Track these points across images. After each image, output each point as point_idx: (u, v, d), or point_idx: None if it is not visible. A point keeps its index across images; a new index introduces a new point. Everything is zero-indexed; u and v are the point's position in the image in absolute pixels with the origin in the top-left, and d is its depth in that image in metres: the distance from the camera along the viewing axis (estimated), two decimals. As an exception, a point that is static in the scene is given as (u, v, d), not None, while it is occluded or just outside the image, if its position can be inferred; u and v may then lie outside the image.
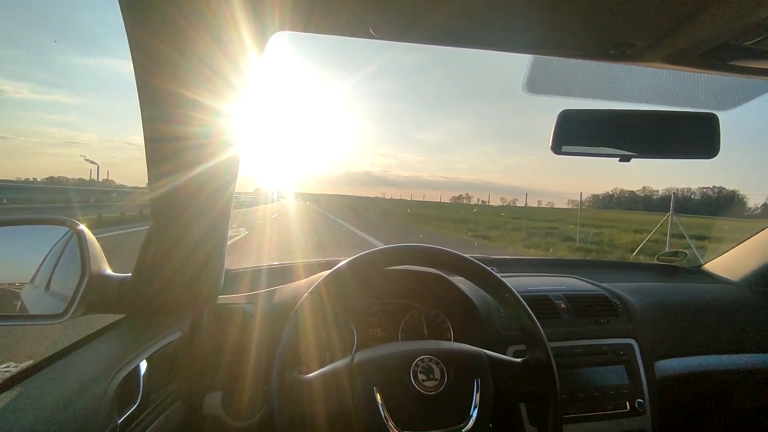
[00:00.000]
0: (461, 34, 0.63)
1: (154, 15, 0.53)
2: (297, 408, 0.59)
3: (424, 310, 1.02)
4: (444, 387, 0.61)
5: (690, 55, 0.66)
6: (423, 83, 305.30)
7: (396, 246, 0.71)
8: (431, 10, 0.57)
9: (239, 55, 0.62)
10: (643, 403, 0.92)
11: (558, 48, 0.69)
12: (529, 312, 0.70)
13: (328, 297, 0.68)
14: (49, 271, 0.71)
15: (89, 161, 25.02)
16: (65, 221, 0.69)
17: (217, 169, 0.70)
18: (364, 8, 0.57)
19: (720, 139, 0.82)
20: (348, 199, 69.67)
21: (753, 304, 1.17)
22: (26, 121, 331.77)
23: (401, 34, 0.64)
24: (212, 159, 0.69)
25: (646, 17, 0.56)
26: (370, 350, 0.67)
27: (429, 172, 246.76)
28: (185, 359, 0.76)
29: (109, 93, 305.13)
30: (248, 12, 0.57)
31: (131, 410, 0.59)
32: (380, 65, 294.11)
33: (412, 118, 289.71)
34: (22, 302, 0.67)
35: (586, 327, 0.98)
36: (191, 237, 0.74)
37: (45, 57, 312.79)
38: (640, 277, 1.40)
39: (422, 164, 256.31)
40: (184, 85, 0.59)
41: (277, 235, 8.84)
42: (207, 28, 0.56)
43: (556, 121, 0.82)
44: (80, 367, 0.57)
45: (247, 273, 1.08)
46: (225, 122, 0.67)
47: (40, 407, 0.48)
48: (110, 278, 0.71)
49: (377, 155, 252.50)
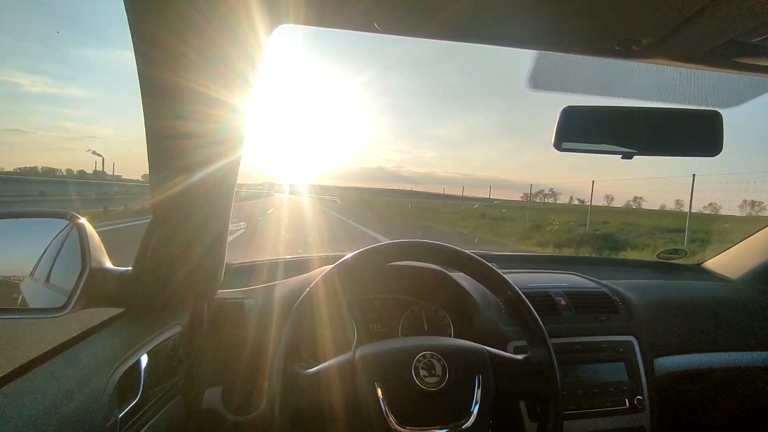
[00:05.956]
0: (466, 28, 0.63)
1: (156, 4, 0.52)
2: (297, 403, 0.59)
3: (424, 305, 1.02)
4: (445, 383, 0.61)
5: (696, 52, 0.65)
6: (437, 78, 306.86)
7: (398, 241, 0.71)
8: (436, 5, 0.56)
9: (239, 46, 0.62)
10: (643, 400, 0.92)
11: (563, 44, 0.68)
12: (531, 308, 0.70)
13: (329, 292, 0.68)
14: (48, 265, 0.70)
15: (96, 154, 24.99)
16: (65, 214, 0.68)
17: (219, 163, 0.70)
18: (368, 2, 0.56)
19: (723, 136, 0.82)
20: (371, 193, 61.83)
21: (752, 302, 1.17)
22: (43, 116, 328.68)
23: (405, 29, 0.63)
24: (213, 152, 0.69)
25: (654, 13, 0.55)
26: (371, 345, 0.67)
27: (443, 169, 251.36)
28: (185, 354, 0.76)
29: (123, 86, 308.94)
30: (250, 3, 0.57)
31: (131, 404, 0.59)
32: (392, 59, 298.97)
33: (426, 114, 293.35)
34: (22, 296, 0.67)
35: (586, 324, 0.98)
36: (191, 231, 0.74)
37: (56, 50, 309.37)
38: (640, 274, 1.40)
39: (436, 160, 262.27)
40: (185, 76, 0.59)
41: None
42: (209, 17, 0.55)
43: (559, 117, 0.82)
44: (80, 361, 0.57)
45: (247, 268, 1.08)
46: (227, 115, 0.66)
47: (41, 401, 0.47)
48: (110, 272, 0.70)
49: (391, 150, 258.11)
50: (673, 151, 0.85)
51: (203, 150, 0.67)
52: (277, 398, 0.59)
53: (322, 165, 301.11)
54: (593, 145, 0.86)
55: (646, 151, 0.85)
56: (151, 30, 0.54)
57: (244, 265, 1.09)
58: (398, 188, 79.97)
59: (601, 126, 0.85)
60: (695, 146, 0.85)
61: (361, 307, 1.00)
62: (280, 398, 0.59)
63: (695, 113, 0.83)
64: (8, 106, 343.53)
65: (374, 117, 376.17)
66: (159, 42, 0.55)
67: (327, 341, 0.93)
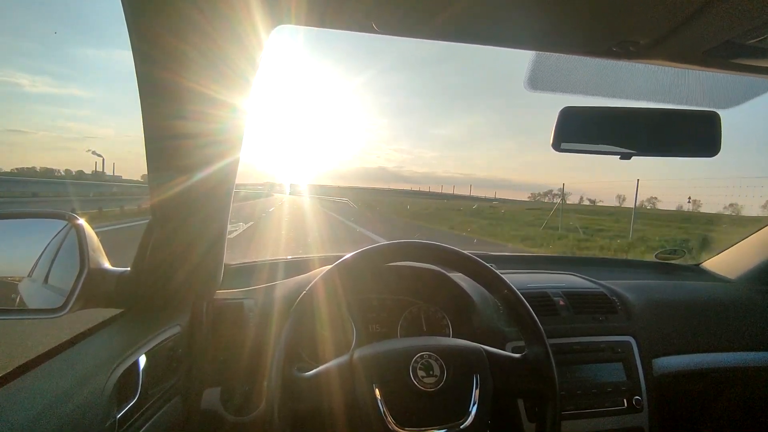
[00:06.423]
0: (463, 29, 0.63)
1: (155, 3, 0.52)
2: (296, 404, 0.59)
3: (423, 306, 1.02)
4: (443, 383, 0.61)
5: (693, 53, 0.66)
6: (437, 78, 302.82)
7: (398, 242, 0.71)
8: (434, 5, 0.56)
9: (238, 46, 0.62)
10: (641, 400, 0.92)
11: (561, 44, 0.69)
12: (528, 308, 0.70)
13: (328, 291, 0.68)
14: (47, 265, 0.70)
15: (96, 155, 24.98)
16: (64, 215, 0.68)
17: (218, 163, 0.70)
18: (367, 3, 0.56)
19: (721, 137, 0.82)
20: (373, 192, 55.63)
21: (750, 302, 1.18)
22: (44, 116, 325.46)
23: (404, 29, 0.63)
24: (212, 152, 0.69)
25: (651, 14, 0.55)
26: (369, 347, 0.67)
27: (444, 169, 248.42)
28: (184, 354, 0.76)
29: (124, 86, 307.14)
30: (249, 3, 0.57)
31: (130, 405, 0.59)
32: (393, 59, 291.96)
33: (426, 114, 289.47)
34: (21, 296, 0.66)
35: (585, 324, 0.98)
36: (190, 231, 0.74)
37: (57, 50, 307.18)
38: (639, 274, 1.41)
39: (437, 160, 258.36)
40: (184, 76, 0.59)
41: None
42: (208, 16, 0.55)
43: (557, 118, 0.82)
44: (79, 361, 0.57)
45: (246, 268, 1.08)
46: (226, 115, 0.66)
47: (40, 402, 0.47)
48: (109, 272, 0.70)
49: (391, 150, 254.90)
50: (672, 151, 0.85)
51: (202, 150, 0.67)
52: (276, 401, 0.59)
53: (322, 165, 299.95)
54: (592, 145, 0.86)
55: (645, 152, 0.86)
56: (149, 29, 0.54)
57: (243, 266, 1.09)
58: (400, 188, 78.96)
59: (600, 127, 0.85)
60: (693, 147, 0.85)
61: (360, 307, 1.00)
62: (279, 401, 0.59)
63: (693, 114, 0.83)
64: (9, 106, 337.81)
65: (375, 117, 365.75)
66: (157, 41, 0.55)
67: (326, 341, 0.93)
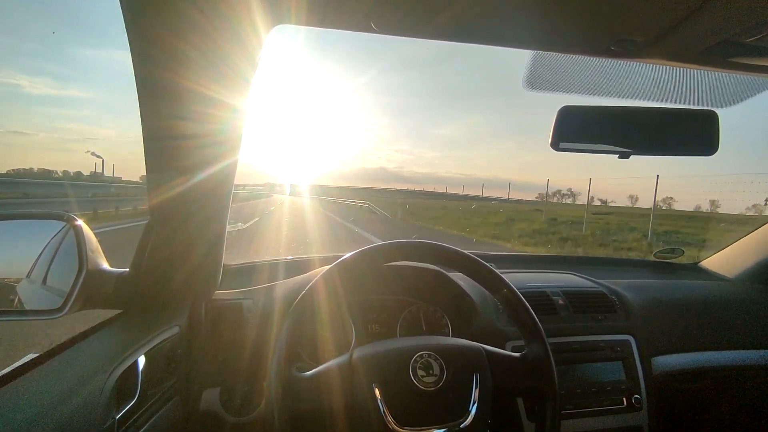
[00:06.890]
0: (463, 29, 0.63)
1: (154, 3, 0.52)
2: (296, 404, 0.59)
3: (422, 305, 1.02)
4: (443, 383, 0.61)
5: (691, 52, 0.66)
6: (437, 78, 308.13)
7: (398, 241, 0.71)
8: (433, 5, 0.56)
9: (238, 46, 0.62)
10: (640, 399, 0.92)
11: (559, 44, 0.69)
12: (528, 307, 0.70)
13: (328, 291, 0.68)
14: (45, 266, 0.70)
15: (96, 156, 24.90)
16: (62, 215, 0.68)
17: (217, 163, 0.69)
18: (367, 3, 0.56)
19: (719, 136, 0.82)
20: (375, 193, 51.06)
21: (749, 301, 1.18)
22: (44, 117, 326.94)
23: (403, 29, 0.63)
24: (212, 153, 0.68)
25: (648, 13, 0.56)
26: (368, 346, 0.67)
27: (445, 169, 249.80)
28: (183, 355, 0.75)
29: (125, 87, 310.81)
30: (249, 3, 0.57)
31: (129, 405, 0.59)
32: (393, 60, 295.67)
33: (427, 114, 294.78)
34: (19, 297, 0.66)
35: (584, 323, 0.98)
36: (189, 232, 0.74)
37: (57, 50, 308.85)
38: (638, 273, 1.41)
39: (438, 160, 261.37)
40: (183, 75, 0.59)
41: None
42: (208, 16, 0.55)
43: (556, 117, 0.82)
44: (78, 362, 0.57)
45: (245, 268, 1.08)
46: (225, 115, 0.66)
47: (39, 402, 0.47)
48: (108, 273, 0.70)
49: (392, 151, 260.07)
50: (670, 150, 0.86)
51: (201, 150, 0.67)
52: (276, 401, 0.59)
53: (323, 166, 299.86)
54: (590, 144, 0.86)
55: (643, 151, 0.86)
56: (148, 28, 0.54)
57: (243, 266, 1.09)
58: (403, 188, 78.12)
59: (598, 126, 0.85)
60: (691, 146, 0.85)
61: (360, 307, 1.00)
62: (278, 401, 0.59)
63: (691, 113, 0.83)
64: (9, 107, 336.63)
65: (375, 117, 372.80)
66: (156, 40, 0.55)
67: (326, 341, 0.93)
